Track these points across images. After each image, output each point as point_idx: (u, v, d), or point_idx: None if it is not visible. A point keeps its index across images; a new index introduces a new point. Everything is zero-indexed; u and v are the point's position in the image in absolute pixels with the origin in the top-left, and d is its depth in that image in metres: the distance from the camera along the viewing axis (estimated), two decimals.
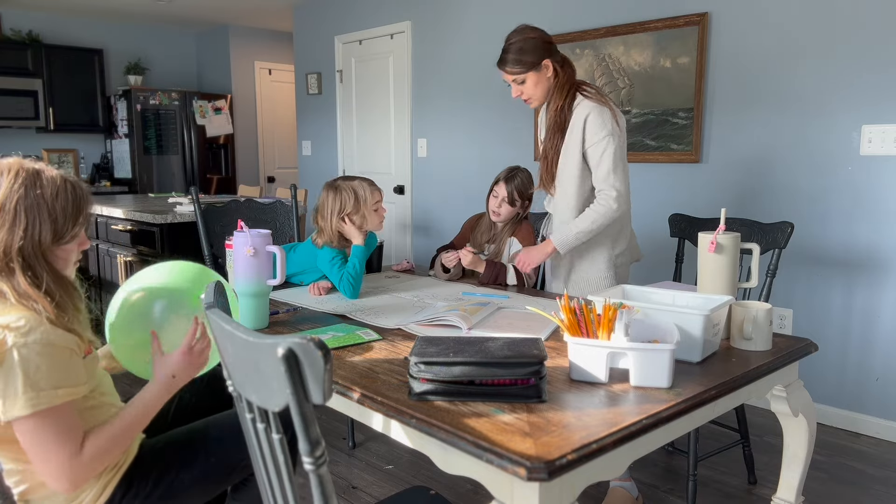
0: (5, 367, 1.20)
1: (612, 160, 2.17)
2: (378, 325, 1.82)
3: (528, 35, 2.23)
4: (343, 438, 2.89)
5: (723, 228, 1.74)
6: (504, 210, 2.52)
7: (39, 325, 1.24)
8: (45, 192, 1.30)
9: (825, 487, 2.49)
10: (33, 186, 1.30)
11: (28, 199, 1.28)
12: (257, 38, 7.03)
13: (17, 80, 6.01)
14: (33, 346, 1.21)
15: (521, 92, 2.28)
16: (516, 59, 2.22)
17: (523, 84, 2.25)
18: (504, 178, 2.53)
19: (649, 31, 3.45)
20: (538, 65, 2.21)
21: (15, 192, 1.27)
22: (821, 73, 2.95)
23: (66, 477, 1.26)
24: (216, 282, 1.21)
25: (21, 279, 1.26)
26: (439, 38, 4.61)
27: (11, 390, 1.20)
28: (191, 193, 2.82)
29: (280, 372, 0.87)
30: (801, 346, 1.63)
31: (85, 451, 1.27)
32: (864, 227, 2.90)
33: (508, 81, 2.28)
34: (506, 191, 2.51)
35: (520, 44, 2.21)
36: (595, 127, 2.17)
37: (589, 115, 2.18)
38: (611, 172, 2.18)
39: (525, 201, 2.55)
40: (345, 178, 2.33)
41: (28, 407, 1.20)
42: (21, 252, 1.27)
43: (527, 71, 2.21)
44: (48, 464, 1.24)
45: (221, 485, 1.58)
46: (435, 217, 4.81)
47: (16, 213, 1.27)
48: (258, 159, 7.20)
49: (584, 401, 1.27)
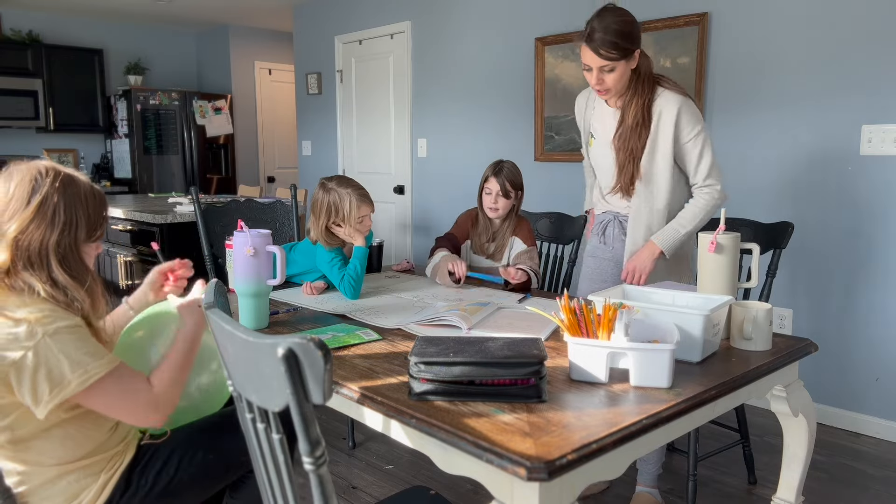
0: (42, 357, 1.24)
1: (711, 153, 2.09)
2: (378, 325, 1.82)
3: (627, 17, 1.98)
4: (343, 438, 2.89)
5: (723, 228, 1.74)
6: (501, 204, 2.48)
7: (60, 312, 1.29)
8: (79, 192, 1.39)
9: (825, 487, 2.49)
10: (71, 186, 1.38)
11: (67, 199, 1.36)
12: (257, 38, 7.04)
13: (17, 80, 6.01)
14: (64, 331, 1.27)
15: (602, 81, 2.03)
16: (614, 42, 1.94)
17: (611, 73, 2.00)
18: (493, 173, 2.47)
19: (649, 31, 3.45)
20: (632, 53, 1.99)
21: (55, 192, 1.35)
22: (821, 73, 2.95)
23: (154, 413, 1.36)
24: (216, 281, 1.22)
25: (59, 272, 1.33)
26: (439, 38, 4.61)
27: (58, 374, 1.24)
28: (191, 193, 2.82)
29: (280, 372, 0.87)
30: (801, 346, 1.63)
31: (155, 385, 1.37)
32: (864, 227, 2.90)
33: (591, 66, 2.01)
34: (498, 184, 2.46)
35: (619, 25, 1.95)
36: (691, 121, 2.05)
37: (681, 109, 2.05)
38: (713, 166, 2.09)
39: (518, 191, 2.50)
40: (340, 182, 2.22)
41: (84, 382, 1.26)
42: (58, 247, 1.34)
43: (621, 58, 1.97)
44: (132, 413, 1.34)
45: (220, 482, 1.58)
46: (435, 217, 4.81)
47: (55, 212, 1.34)
48: (258, 159, 7.20)
49: (584, 401, 1.27)
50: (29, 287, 1.30)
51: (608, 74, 2.01)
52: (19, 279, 1.31)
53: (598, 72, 2.01)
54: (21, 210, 1.31)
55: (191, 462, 1.49)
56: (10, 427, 1.30)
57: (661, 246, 2.12)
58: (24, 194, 1.32)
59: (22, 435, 1.31)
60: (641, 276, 2.15)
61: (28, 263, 1.32)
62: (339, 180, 2.24)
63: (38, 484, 1.34)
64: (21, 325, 1.24)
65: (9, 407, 1.28)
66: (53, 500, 1.35)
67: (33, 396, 1.25)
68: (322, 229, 2.22)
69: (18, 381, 1.24)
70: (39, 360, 1.24)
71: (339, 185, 2.21)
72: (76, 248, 1.37)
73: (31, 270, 1.31)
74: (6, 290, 1.30)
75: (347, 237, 2.23)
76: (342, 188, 2.20)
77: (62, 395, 1.25)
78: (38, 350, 1.24)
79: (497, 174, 2.47)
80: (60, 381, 1.24)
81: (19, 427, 1.30)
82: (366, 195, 2.22)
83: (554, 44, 3.90)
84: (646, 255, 2.14)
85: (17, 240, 1.31)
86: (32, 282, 1.30)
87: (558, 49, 3.88)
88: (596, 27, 1.96)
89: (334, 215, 2.19)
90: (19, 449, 1.32)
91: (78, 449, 1.36)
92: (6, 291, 1.30)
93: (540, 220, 2.88)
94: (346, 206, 2.17)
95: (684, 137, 2.08)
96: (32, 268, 1.32)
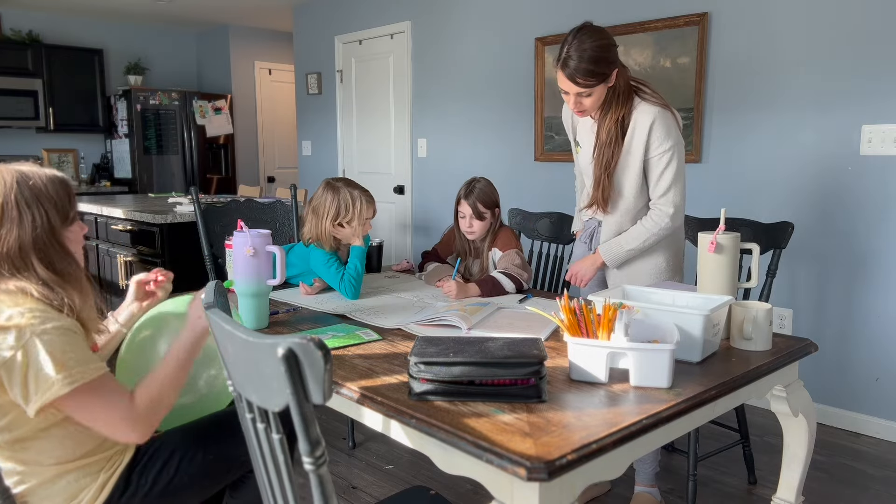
0: (32, 356, 1.23)
1: (673, 174, 2.03)
2: (378, 325, 1.82)
3: (602, 40, 1.90)
4: (343, 438, 2.89)
5: (723, 228, 1.74)
6: (476, 226, 2.39)
7: (52, 313, 1.28)
8: (36, 182, 1.36)
9: (825, 487, 2.49)
10: (24, 180, 1.35)
11: (25, 193, 1.34)
12: (257, 38, 7.03)
13: (17, 80, 6.01)
14: (53, 332, 1.26)
15: (580, 104, 1.98)
16: (590, 69, 1.88)
17: (589, 97, 1.95)
18: (463, 196, 2.38)
19: (649, 31, 3.45)
20: (610, 76, 1.93)
21: (11, 190, 1.33)
22: (821, 72, 2.95)
23: (131, 431, 1.32)
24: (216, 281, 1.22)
25: (42, 269, 1.31)
26: (439, 38, 4.61)
27: (44, 376, 1.23)
28: (191, 193, 2.82)
29: (280, 372, 0.87)
30: (801, 346, 1.63)
31: (137, 402, 1.33)
32: (863, 227, 2.90)
33: (569, 90, 1.96)
34: (469, 206, 2.37)
35: (595, 51, 1.88)
36: (661, 136, 1.99)
37: (655, 122, 1.99)
38: (671, 187, 2.04)
39: (494, 209, 2.40)
40: (348, 183, 2.26)
41: (66, 385, 1.24)
42: (35, 243, 1.32)
43: (598, 84, 1.92)
44: (109, 426, 1.31)
45: (220, 481, 1.58)
46: (435, 217, 4.81)
47: (19, 209, 1.32)
48: (258, 159, 7.20)
49: (584, 401, 1.27)
50: (22, 290, 1.30)
51: (586, 98, 1.97)
52: (11, 284, 1.30)
53: (575, 96, 1.97)
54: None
55: (191, 462, 1.49)
56: (7, 427, 1.30)
57: (603, 257, 2.16)
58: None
59: (20, 435, 1.31)
60: (582, 280, 2.22)
61: (13, 268, 1.31)
62: (346, 182, 2.28)
63: (38, 483, 1.34)
64: (12, 324, 1.24)
65: (6, 406, 1.28)
66: (53, 499, 1.35)
67: (23, 395, 1.25)
68: (325, 229, 2.22)
69: (10, 381, 1.24)
70: (29, 360, 1.23)
71: (348, 185, 2.26)
72: (54, 237, 1.36)
73: (19, 274, 1.31)
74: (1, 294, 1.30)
75: (350, 237, 2.23)
76: (352, 189, 2.24)
77: (46, 396, 1.24)
78: (27, 349, 1.23)
79: (468, 196, 2.37)
80: (45, 382, 1.24)
81: (17, 427, 1.30)
82: (372, 198, 2.28)
83: (554, 44, 3.90)
84: (589, 262, 2.20)
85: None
86: (24, 285, 1.30)
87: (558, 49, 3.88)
88: (571, 54, 1.90)
89: (344, 214, 2.21)
90: (18, 449, 1.32)
91: (77, 448, 1.36)
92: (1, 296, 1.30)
93: (540, 220, 2.88)
94: (357, 206, 2.21)
95: (652, 151, 2.03)
96: (18, 271, 1.31)
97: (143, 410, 1.33)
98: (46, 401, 1.24)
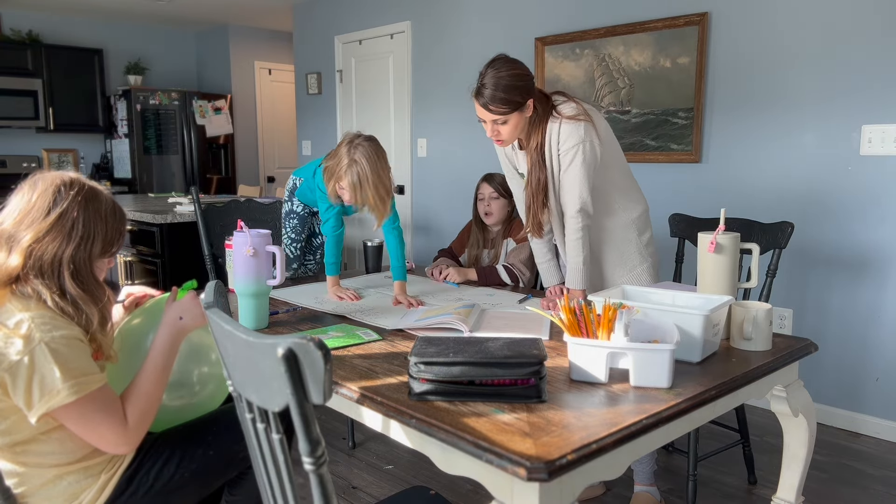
0: (38, 363, 1.24)
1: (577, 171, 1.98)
2: (378, 325, 1.82)
3: (515, 70, 1.93)
4: (343, 438, 2.89)
5: (722, 228, 1.74)
6: (495, 206, 2.52)
7: (60, 321, 1.30)
8: (100, 208, 1.40)
9: (825, 487, 2.49)
10: (93, 201, 1.40)
11: (87, 213, 1.38)
12: (257, 38, 7.03)
13: (17, 80, 6.00)
14: (61, 340, 1.27)
15: (497, 132, 1.98)
16: (503, 97, 1.90)
17: (504, 125, 1.95)
18: (484, 178, 2.57)
19: (649, 31, 3.45)
20: (524, 105, 1.94)
21: (76, 206, 1.36)
22: (821, 72, 2.95)
23: (123, 444, 1.35)
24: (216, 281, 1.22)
25: (71, 285, 1.34)
26: (439, 38, 4.61)
27: (49, 382, 1.24)
28: (191, 193, 2.82)
29: (280, 372, 0.87)
30: (801, 346, 1.63)
31: (129, 417, 1.36)
32: (863, 227, 2.90)
33: (484, 119, 1.97)
34: (491, 187, 2.53)
35: (508, 80, 1.90)
36: (562, 140, 1.99)
37: (554, 133, 1.99)
38: (573, 186, 1.99)
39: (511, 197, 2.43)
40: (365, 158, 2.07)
41: (72, 394, 1.25)
42: (72, 261, 1.35)
43: (512, 111, 1.92)
44: (103, 439, 1.33)
45: (220, 478, 1.59)
46: (435, 217, 4.81)
47: (73, 225, 1.35)
48: (258, 159, 7.20)
49: (584, 401, 1.27)
50: (37, 295, 1.31)
51: (502, 126, 1.96)
52: (29, 286, 1.31)
53: (491, 124, 1.96)
54: (39, 220, 1.33)
55: (191, 459, 1.50)
56: (7, 431, 1.30)
57: (577, 287, 2.05)
58: (44, 205, 1.34)
59: (21, 438, 1.31)
60: None
61: (39, 272, 1.32)
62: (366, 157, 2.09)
63: (39, 484, 1.34)
64: (20, 329, 1.25)
65: (7, 411, 1.28)
66: (54, 500, 1.35)
67: (26, 402, 1.25)
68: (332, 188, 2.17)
69: (14, 386, 1.25)
70: (34, 366, 1.24)
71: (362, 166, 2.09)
72: (89, 262, 1.38)
73: (42, 279, 1.32)
74: (11, 294, 1.31)
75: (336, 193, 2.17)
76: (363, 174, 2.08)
77: (51, 403, 1.24)
78: (33, 356, 1.24)
79: (489, 179, 2.58)
80: (51, 390, 1.24)
81: (17, 431, 1.30)
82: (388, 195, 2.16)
83: (554, 44, 3.90)
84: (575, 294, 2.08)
85: (31, 248, 1.32)
86: (41, 290, 1.31)
87: (558, 49, 3.88)
88: (486, 83, 1.91)
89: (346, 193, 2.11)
90: (19, 452, 1.32)
91: (78, 450, 1.36)
92: (11, 296, 1.31)
93: None
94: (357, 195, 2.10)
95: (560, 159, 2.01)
96: (43, 277, 1.33)
97: (134, 426, 1.36)
98: (51, 408, 1.25)
